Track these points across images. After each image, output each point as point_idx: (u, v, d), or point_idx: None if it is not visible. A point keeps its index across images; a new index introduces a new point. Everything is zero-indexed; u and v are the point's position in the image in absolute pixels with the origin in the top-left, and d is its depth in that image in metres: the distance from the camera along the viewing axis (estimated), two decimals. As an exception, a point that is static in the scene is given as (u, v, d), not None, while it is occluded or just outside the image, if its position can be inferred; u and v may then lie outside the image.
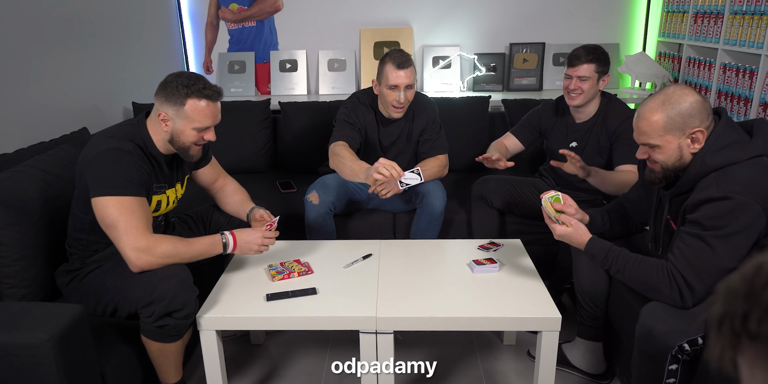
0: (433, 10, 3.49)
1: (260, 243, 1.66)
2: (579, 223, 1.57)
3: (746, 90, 2.52)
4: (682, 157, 1.41)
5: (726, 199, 1.30)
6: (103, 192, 1.49)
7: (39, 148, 1.94)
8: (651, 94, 1.44)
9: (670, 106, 1.37)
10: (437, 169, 2.22)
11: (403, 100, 2.07)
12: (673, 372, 1.36)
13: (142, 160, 1.57)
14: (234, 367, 1.95)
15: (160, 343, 1.55)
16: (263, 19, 3.54)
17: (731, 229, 1.31)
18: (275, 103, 2.97)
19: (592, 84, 2.03)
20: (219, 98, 1.60)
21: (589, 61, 2.01)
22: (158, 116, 1.57)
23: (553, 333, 1.52)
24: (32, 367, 1.25)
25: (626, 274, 1.46)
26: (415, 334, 2.05)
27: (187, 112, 1.55)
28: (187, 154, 1.64)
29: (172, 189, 1.73)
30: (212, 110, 1.58)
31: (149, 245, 1.49)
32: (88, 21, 2.58)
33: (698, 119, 1.37)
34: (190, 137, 1.60)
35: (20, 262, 1.58)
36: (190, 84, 1.53)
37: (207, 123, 1.59)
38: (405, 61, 2.04)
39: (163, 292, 1.46)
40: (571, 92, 2.07)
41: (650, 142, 1.41)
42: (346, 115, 2.18)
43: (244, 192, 1.95)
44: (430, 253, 1.92)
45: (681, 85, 1.43)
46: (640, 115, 1.42)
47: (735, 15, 2.58)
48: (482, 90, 3.49)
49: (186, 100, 1.54)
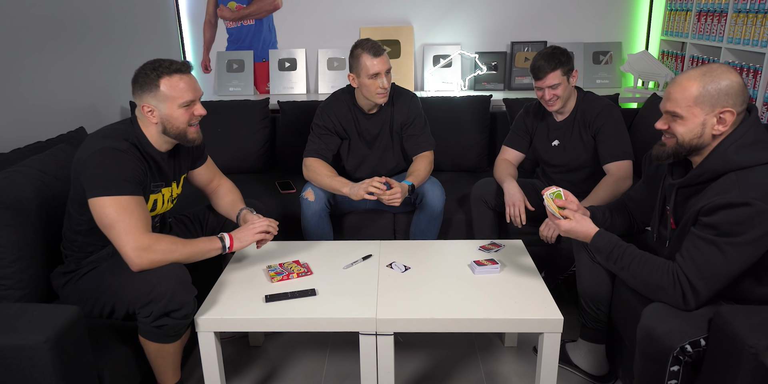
0: (434, 8, 3.47)
1: (256, 225, 1.66)
2: (583, 217, 1.55)
3: (750, 89, 2.50)
4: (703, 135, 1.36)
5: (747, 205, 1.26)
6: (100, 192, 1.48)
7: (36, 148, 1.92)
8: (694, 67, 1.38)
9: (710, 79, 1.32)
10: (427, 170, 2.21)
11: (387, 85, 2.11)
12: (674, 373, 1.34)
13: (137, 158, 1.56)
14: (232, 369, 1.93)
15: (158, 343, 1.53)
16: (262, 17, 3.52)
17: (747, 237, 1.28)
18: (274, 103, 2.96)
19: (564, 86, 2.04)
20: (189, 70, 1.59)
21: (553, 69, 1.99)
22: (143, 110, 1.57)
23: (555, 334, 1.50)
24: (29, 369, 1.24)
25: (631, 272, 1.44)
26: (416, 336, 2.04)
27: (165, 93, 1.55)
28: (186, 138, 1.63)
29: (168, 188, 1.72)
30: (188, 82, 1.57)
31: (149, 243, 1.48)
32: (85, 20, 2.56)
33: (732, 100, 1.32)
34: (180, 118, 1.58)
35: (17, 263, 1.57)
36: (156, 66, 1.55)
37: (189, 96, 1.57)
38: (379, 49, 2.06)
39: (161, 292, 1.45)
40: (547, 101, 2.07)
41: (676, 110, 1.36)
42: (318, 117, 2.24)
43: (237, 193, 1.94)
44: (430, 253, 1.90)
45: (726, 64, 1.38)
46: (676, 82, 1.37)
47: (739, 13, 2.56)
48: (483, 89, 3.47)
49: (158, 81, 1.54)
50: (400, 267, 1.77)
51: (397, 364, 1.67)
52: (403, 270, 1.75)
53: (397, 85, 2.30)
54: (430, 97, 2.84)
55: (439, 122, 2.68)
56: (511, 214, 2.07)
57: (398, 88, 2.29)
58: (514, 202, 2.07)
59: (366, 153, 2.28)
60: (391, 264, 1.79)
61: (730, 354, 1.22)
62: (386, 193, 1.97)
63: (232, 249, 1.64)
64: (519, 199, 2.07)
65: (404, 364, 1.93)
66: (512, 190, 2.10)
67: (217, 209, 1.93)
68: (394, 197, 1.98)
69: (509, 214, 2.08)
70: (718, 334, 1.27)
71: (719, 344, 1.27)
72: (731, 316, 1.25)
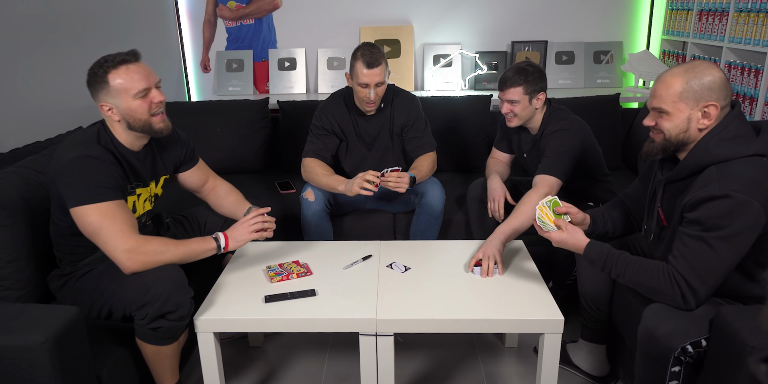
0: (434, 7, 3.46)
1: (251, 223, 1.63)
2: (575, 228, 1.54)
3: (752, 88, 2.50)
4: (689, 129, 1.39)
5: (727, 197, 1.28)
6: (80, 201, 1.46)
7: (34, 148, 1.92)
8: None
9: (693, 75, 1.35)
10: (431, 168, 2.21)
11: (374, 97, 2.08)
12: (675, 374, 1.34)
13: (111, 162, 1.53)
14: (232, 370, 1.93)
15: (155, 345, 1.53)
16: (261, 16, 3.52)
17: (732, 229, 1.29)
18: (274, 102, 2.95)
19: (524, 106, 1.99)
20: (137, 58, 1.54)
21: (516, 85, 1.95)
22: (103, 110, 1.54)
23: (556, 335, 1.50)
24: (27, 369, 1.23)
25: (627, 278, 1.45)
26: (416, 337, 2.04)
27: (116, 86, 1.50)
28: (153, 129, 1.57)
29: (144, 188, 1.67)
30: (137, 71, 1.52)
31: (138, 245, 1.47)
32: (84, 19, 2.56)
33: (716, 94, 1.35)
34: (139, 109, 1.53)
35: (13, 264, 1.56)
36: (102, 62, 1.51)
37: (141, 85, 1.52)
38: (375, 61, 2.01)
39: (156, 294, 1.44)
40: (505, 115, 2.04)
41: (662, 106, 1.39)
42: (317, 118, 2.22)
43: (238, 193, 1.93)
44: (430, 254, 1.90)
45: (709, 61, 1.41)
46: (660, 79, 1.40)
47: (740, 12, 2.56)
48: (483, 89, 3.47)
49: (107, 76, 1.50)
50: (400, 267, 1.77)
51: (397, 365, 1.66)
52: (403, 270, 1.75)
53: (397, 87, 2.29)
54: (430, 97, 2.83)
55: (439, 122, 2.68)
56: (491, 209, 2.09)
57: (398, 89, 2.28)
58: (494, 197, 2.09)
59: (365, 154, 2.27)
60: (391, 264, 1.79)
61: (731, 355, 1.22)
62: (392, 175, 1.93)
63: (227, 248, 1.61)
64: (499, 194, 2.09)
65: (404, 365, 1.93)
66: (493, 185, 2.12)
67: (219, 210, 1.91)
68: (401, 181, 1.95)
69: (489, 208, 2.10)
70: (719, 334, 1.27)
71: (720, 345, 1.26)
72: (732, 316, 1.25)
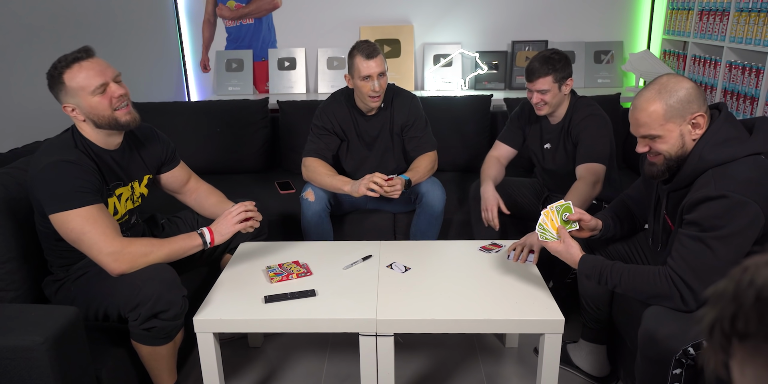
0: (434, 7, 3.46)
1: (234, 214, 1.62)
2: (572, 243, 1.53)
3: (752, 88, 2.49)
4: (684, 144, 1.38)
5: (723, 197, 1.28)
6: (58, 208, 1.45)
7: (33, 148, 1.92)
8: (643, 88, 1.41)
9: (668, 94, 1.34)
10: (430, 168, 2.20)
11: (378, 88, 2.08)
12: (677, 376, 1.33)
13: (87, 165, 1.51)
14: (231, 370, 1.92)
15: (150, 346, 1.52)
16: (261, 16, 3.51)
17: (730, 229, 1.28)
18: (273, 102, 2.95)
19: (554, 94, 2.00)
20: (90, 55, 1.51)
21: (545, 74, 1.95)
22: (67, 111, 1.52)
23: (556, 335, 1.49)
24: (27, 370, 1.23)
25: (624, 287, 1.44)
26: (416, 337, 2.03)
27: (72, 86, 1.47)
28: (119, 123, 1.54)
29: (125, 187, 1.65)
30: (90, 68, 1.49)
31: (122, 247, 1.46)
32: (83, 19, 2.55)
33: (696, 104, 1.35)
34: (100, 106, 1.50)
35: (8, 265, 1.56)
36: (56, 64, 1.49)
37: (97, 81, 1.48)
38: (373, 51, 2.04)
39: (147, 294, 1.43)
40: (535, 105, 2.05)
41: (651, 133, 1.38)
42: (318, 118, 2.22)
43: (220, 194, 1.92)
44: (430, 254, 1.89)
45: (672, 74, 1.41)
46: (637, 107, 1.38)
47: (741, 12, 2.55)
48: (484, 88, 3.46)
49: (62, 77, 1.47)
50: (401, 267, 1.76)
51: (397, 365, 1.66)
52: (404, 270, 1.75)
53: (397, 86, 2.29)
54: (430, 97, 2.82)
55: (439, 122, 2.67)
56: (485, 218, 2.07)
57: (397, 88, 2.27)
58: (486, 206, 2.07)
59: (366, 154, 2.27)
60: (392, 264, 1.78)
61: (733, 356, 1.21)
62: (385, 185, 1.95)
63: (213, 243, 1.60)
64: (492, 204, 2.06)
65: (404, 365, 1.92)
66: (486, 194, 2.09)
67: (202, 213, 1.89)
68: (394, 190, 1.97)
69: (484, 218, 2.08)
70: (720, 335, 1.26)
71: (722, 346, 1.26)
72: (734, 317, 1.24)
